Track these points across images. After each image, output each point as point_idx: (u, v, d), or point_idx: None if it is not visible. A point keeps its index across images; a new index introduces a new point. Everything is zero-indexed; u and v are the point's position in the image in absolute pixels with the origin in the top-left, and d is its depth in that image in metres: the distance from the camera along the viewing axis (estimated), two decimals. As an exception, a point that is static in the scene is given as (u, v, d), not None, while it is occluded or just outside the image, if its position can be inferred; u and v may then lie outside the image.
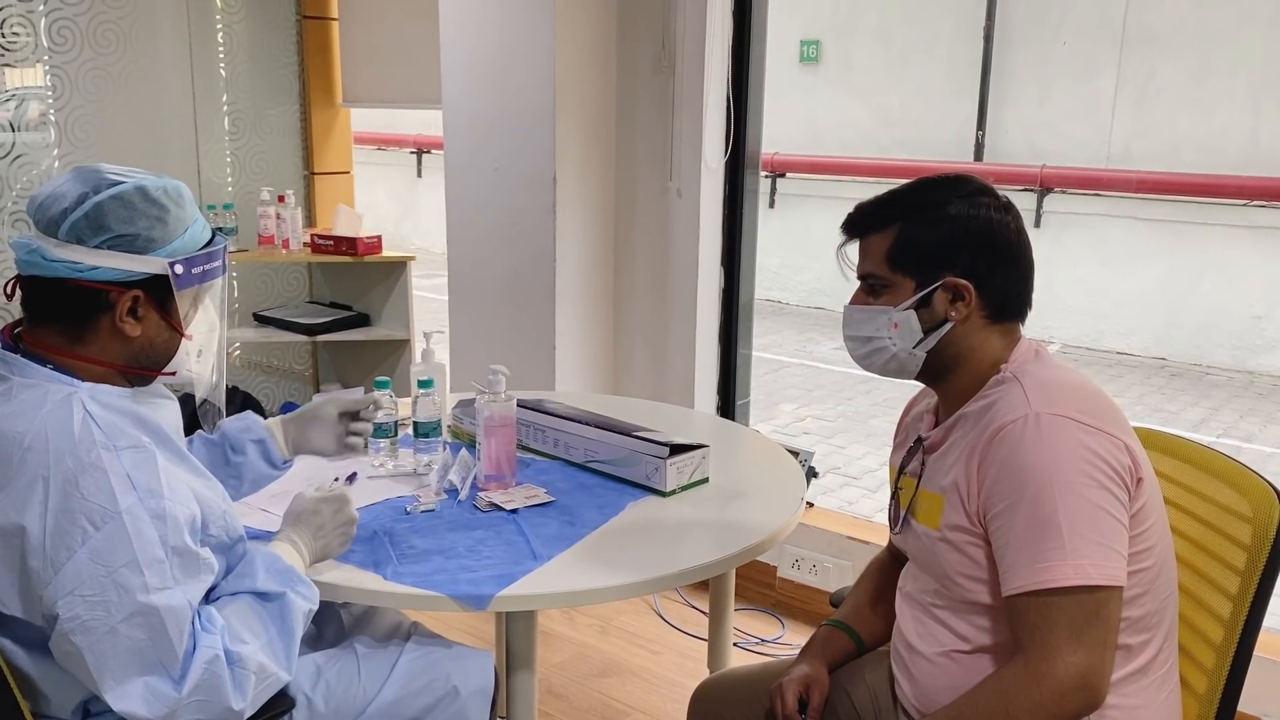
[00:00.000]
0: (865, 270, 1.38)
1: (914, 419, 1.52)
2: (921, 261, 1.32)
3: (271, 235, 3.60)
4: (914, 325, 1.33)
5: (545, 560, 1.55)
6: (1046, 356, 1.35)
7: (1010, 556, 1.22)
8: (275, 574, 1.35)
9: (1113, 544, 1.19)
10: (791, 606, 2.99)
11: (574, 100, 2.94)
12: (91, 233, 1.27)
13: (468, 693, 1.52)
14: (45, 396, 1.24)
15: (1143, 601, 1.27)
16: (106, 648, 1.18)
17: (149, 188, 1.31)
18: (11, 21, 3.10)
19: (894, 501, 1.48)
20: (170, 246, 1.31)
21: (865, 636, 1.57)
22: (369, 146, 11.91)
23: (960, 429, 1.34)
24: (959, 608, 1.34)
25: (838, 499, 4.77)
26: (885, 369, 1.39)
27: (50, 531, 1.18)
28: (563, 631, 2.90)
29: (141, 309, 1.31)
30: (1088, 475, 1.20)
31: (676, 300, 3.08)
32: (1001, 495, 1.23)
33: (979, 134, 8.64)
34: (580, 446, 1.95)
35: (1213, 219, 7.57)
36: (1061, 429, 1.21)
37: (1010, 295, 1.34)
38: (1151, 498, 1.28)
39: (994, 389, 1.32)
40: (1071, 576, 1.18)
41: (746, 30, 2.94)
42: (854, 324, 1.39)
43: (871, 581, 1.62)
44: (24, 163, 3.18)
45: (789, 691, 1.47)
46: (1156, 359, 7.77)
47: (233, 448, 1.64)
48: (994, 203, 1.34)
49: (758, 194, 3.15)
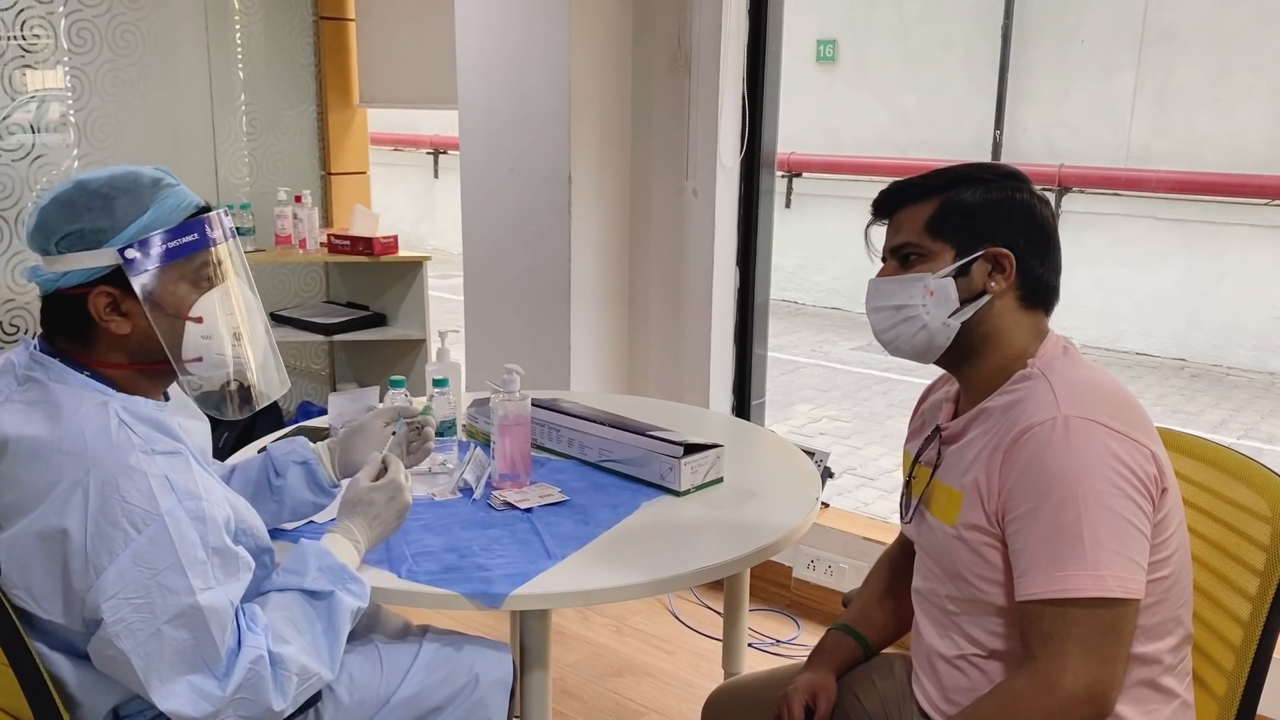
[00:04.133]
0: (900, 241, 1.34)
1: (931, 406, 1.49)
2: (964, 229, 1.30)
3: (288, 235, 3.62)
4: (951, 294, 1.30)
5: (559, 559, 1.55)
6: (1074, 353, 1.33)
7: (1027, 561, 1.20)
8: (326, 571, 1.36)
9: (1134, 556, 1.17)
10: (807, 607, 2.98)
11: (589, 100, 2.94)
12: (45, 239, 1.26)
13: (487, 682, 1.52)
14: (81, 402, 1.23)
15: (1157, 610, 1.25)
16: (152, 649, 1.18)
17: (90, 181, 1.27)
18: (32, 23, 3.12)
19: (906, 490, 1.45)
20: (125, 233, 1.25)
21: (873, 639, 1.55)
22: (386, 147, 11.95)
23: (982, 424, 1.31)
24: (973, 610, 1.32)
25: (854, 500, 4.75)
26: (913, 342, 1.34)
27: (91, 535, 1.17)
28: (577, 631, 2.90)
29: (124, 304, 1.27)
30: (1113, 484, 1.17)
31: (691, 300, 3.07)
32: (1023, 498, 1.21)
33: (997, 133, 8.59)
34: (595, 446, 1.95)
35: (1233, 219, 7.51)
36: (1090, 434, 1.19)
37: (1044, 281, 1.32)
38: (1174, 507, 1.25)
39: (1020, 384, 1.29)
40: (1091, 588, 1.16)
41: (762, 29, 2.94)
42: (883, 294, 1.35)
43: (881, 578, 1.60)
44: (44, 164, 3.21)
45: (795, 701, 1.46)
46: (1176, 360, 7.71)
47: (276, 470, 1.61)
48: (1031, 190, 1.34)
49: (773, 194, 3.14)
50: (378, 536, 1.48)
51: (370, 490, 1.48)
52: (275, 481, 1.61)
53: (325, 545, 1.40)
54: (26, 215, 1.32)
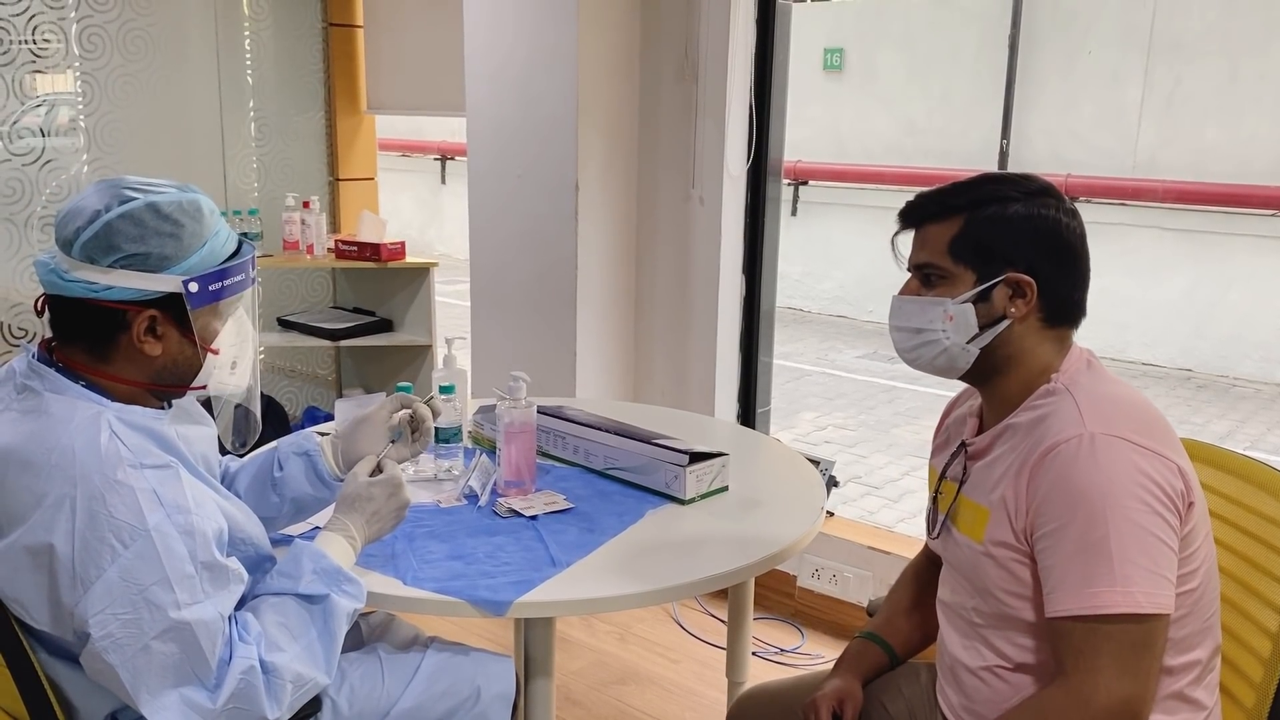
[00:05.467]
0: (922, 260, 1.33)
1: (955, 421, 1.48)
2: (986, 254, 1.29)
3: (296, 240, 3.63)
4: (970, 319, 1.29)
5: (564, 567, 1.55)
6: (1099, 367, 1.32)
7: (1057, 578, 1.20)
8: (321, 574, 1.34)
9: (1164, 571, 1.17)
10: (811, 616, 2.98)
11: (597, 107, 2.95)
12: (103, 252, 1.24)
13: (489, 696, 1.52)
14: (74, 413, 1.23)
15: (1186, 623, 1.25)
16: (141, 664, 1.18)
17: (161, 204, 1.27)
18: (43, 29, 3.14)
19: (933, 505, 1.45)
20: (186, 263, 1.27)
21: (898, 647, 1.56)
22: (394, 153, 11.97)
23: (1008, 440, 1.31)
24: (1000, 624, 1.32)
25: (859, 509, 4.74)
26: (934, 364, 1.34)
27: (79, 550, 1.17)
28: (581, 639, 2.90)
29: (161, 327, 1.28)
30: (1141, 500, 1.17)
31: (697, 307, 3.07)
32: (1052, 516, 1.21)
33: (1003, 142, 8.58)
34: (600, 453, 1.95)
35: (1240, 229, 7.49)
36: (1116, 451, 1.19)
37: (1068, 300, 1.31)
38: (1200, 520, 1.25)
39: (1045, 400, 1.28)
40: (1121, 604, 1.16)
41: (769, 38, 2.94)
42: (904, 315, 1.35)
43: (907, 589, 1.60)
44: (54, 168, 3.22)
45: (823, 707, 1.46)
46: (1182, 370, 7.69)
47: (279, 463, 1.59)
48: (1060, 204, 1.31)
49: (780, 202, 3.15)
50: (375, 534, 1.46)
51: (369, 485, 1.46)
52: (276, 474, 1.58)
53: (320, 546, 1.38)
54: (66, 219, 1.27)
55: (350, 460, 1.57)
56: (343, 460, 1.59)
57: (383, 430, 1.59)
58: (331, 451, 1.59)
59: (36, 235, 3.20)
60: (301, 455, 1.58)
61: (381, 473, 1.49)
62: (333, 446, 1.60)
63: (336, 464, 1.59)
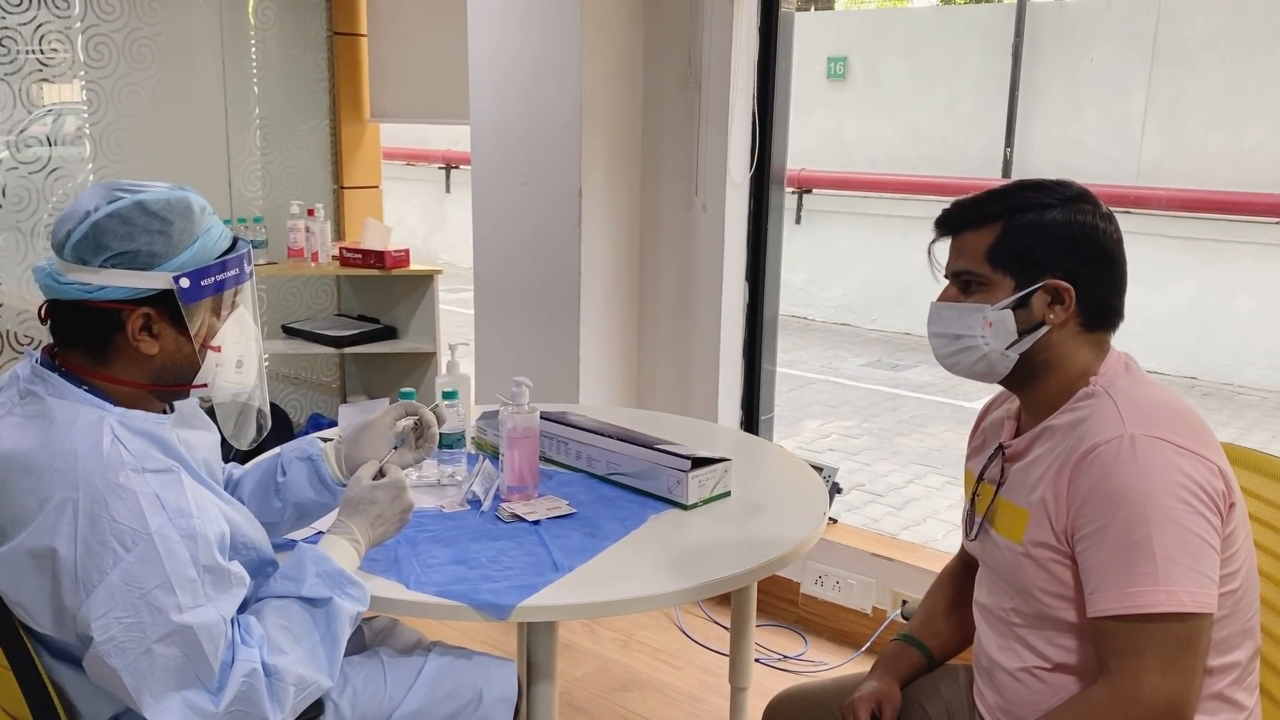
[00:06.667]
0: (960, 267, 1.35)
1: (992, 424, 1.49)
2: (1024, 261, 1.30)
3: (301, 248, 3.64)
4: (1009, 325, 1.31)
5: (567, 571, 1.56)
6: (1137, 370, 1.34)
7: (1099, 578, 1.20)
8: (324, 577, 1.34)
9: (1206, 570, 1.18)
10: (814, 623, 2.98)
11: (600, 115, 2.96)
12: (93, 252, 1.25)
13: (491, 700, 1.52)
14: (76, 417, 1.23)
15: (1227, 624, 1.25)
16: (143, 667, 1.18)
17: (149, 202, 1.27)
18: (50, 38, 3.16)
19: (970, 508, 1.46)
20: (177, 260, 1.27)
21: (936, 650, 1.56)
22: (398, 162, 12.00)
23: (1046, 442, 1.32)
24: (1039, 624, 1.32)
25: (862, 516, 4.74)
26: (973, 370, 1.35)
27: (81, 554, 1.17)
28: (584, 645, 2.90)
29: (156, 326, 1.28)
30: (1182, 500, 1.18)
31: (701, 315, 3.08)
32: (1093, 517, 1.21)
33: (1007, 151, 8.59)
34: (602, 459, 1.95)
35: (1245, 237, 7.49)
36: (1157, 451, 1.19)
37: (1106, 305, 1.33)
38: (1241, 521, 1.26)
39: (1084, 402, 1.29)
40: (1164, 603, 1.16)
41: (773, 46, 2.95)
42: (943, 321, 1.36)
43: (944, 592, 1.61)
44: (59, 176, 3.24)
45: (861, 709, 1.46)
46: (1187, 378, 7.68)
47: (282, 468, 1.59)
48: (1096, 210, 1.32)
49: (783, 210, 3.15)
50: (379, 537, 1.46)
51: (373, 489, 1.45)
52: (279, 479, 1.58)
53: (323, 549, 1.38)
54: (60, 223, 1.27)
55: (353, 465, 1.57)
56: (346, 465, 1.58)
57: (387, 436, 1.58)
58: (335, 457, 1.59)
59: (43, 244, 3.22)
60: (304, 460, 1.58)
61: (385, 477, 1.49)
62: (336, 452, 1.59)
63: (340, 469, 1.58)
